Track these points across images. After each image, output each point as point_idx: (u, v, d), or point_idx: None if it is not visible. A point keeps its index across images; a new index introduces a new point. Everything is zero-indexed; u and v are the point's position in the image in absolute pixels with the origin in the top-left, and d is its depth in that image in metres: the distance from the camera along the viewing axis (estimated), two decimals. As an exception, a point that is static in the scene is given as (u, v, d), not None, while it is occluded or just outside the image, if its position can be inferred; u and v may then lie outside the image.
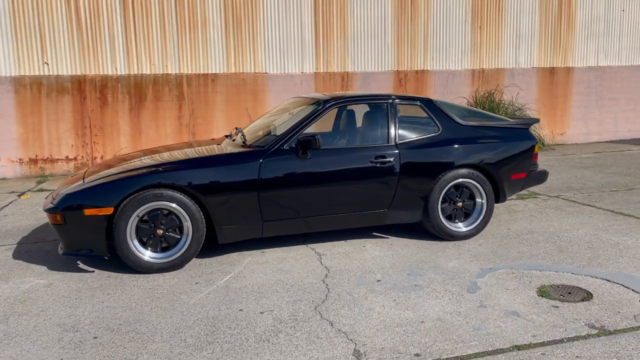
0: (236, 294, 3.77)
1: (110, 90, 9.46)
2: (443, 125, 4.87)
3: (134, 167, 4.37)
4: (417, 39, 10.89)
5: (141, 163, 4.50)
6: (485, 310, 3.40)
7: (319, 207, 4.53)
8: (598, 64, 12.23)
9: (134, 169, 4.27)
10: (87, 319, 3.43)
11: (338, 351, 2.93)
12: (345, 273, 4.12)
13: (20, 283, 4.08)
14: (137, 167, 4.35)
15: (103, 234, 4.07)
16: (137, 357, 2.93)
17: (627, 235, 4.93)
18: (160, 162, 4.37)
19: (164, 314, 3.47)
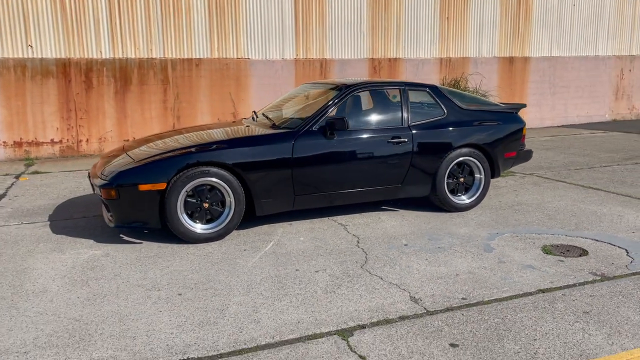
0: (285, 258, 4.25)
1: (95, 74, 9.57)
2: (448, 109, 5.48)
3: (180, 145, 4.75)
4: (390, 28, 11.49)
5: (184, 142, 4.87)
6: (505, 265, 4.05)
7: (342, 182, 5.05)
8: (551, 55, 13.24)
9: (181, 148, 4.65)
10: (161, 280, 3.83)
11: (396, 298, 3.48)
12: (374, 239, 4.67)
13: (77, 254, 4.40)
14: (183, 145, 4.72)
15: (157, 207, 4.45)
16: (227, 307, 3.38)
17: (601, 205, 5.72)
18: (203, 142, 4.76)
19: (230, 274, 3.92)
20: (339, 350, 2.85)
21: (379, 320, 3.18)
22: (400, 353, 2.82)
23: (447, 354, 2.80)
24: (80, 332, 3.08)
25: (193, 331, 3.08)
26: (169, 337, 3.01)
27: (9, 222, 5.36)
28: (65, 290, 3.67)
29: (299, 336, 3.01)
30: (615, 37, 13.92)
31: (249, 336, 3.02)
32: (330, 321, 3.18)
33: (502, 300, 3.42)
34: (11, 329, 3.12)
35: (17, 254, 4.40)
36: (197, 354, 2.84)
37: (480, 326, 3.09)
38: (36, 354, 2.86)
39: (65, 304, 3.46)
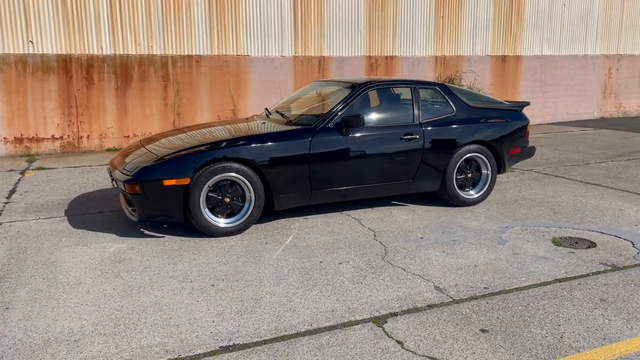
0: (308, 251, 4.40)
1: (96, 70, 9.60)
2: (456, 107, 5.66)
3: (200, 141, 4.86)
4: (387, 27, 11.65)
5: (203, 138, 4.98)
6: (519, 256, 4.24)
7: (356, 178, 5.20)
8: (542, 53, 13.52)
9: (203, 144, 4.75)
10: (191, 272, 3.95)
11: (421, 288, 3.65)
12: (390, 233, 4.84)
13: (102, 247, 4.50)
14: (204, 142, 4.83)
15: (181, 202, 4.56)
16: (261, 297, 3.52)
17: (602, 199, 5.95)
18: (225, 138, 4.88)
19: (257, 266, 4.06)
20: (376, 336, 3.01)
21: (409, 309, 3.34)
22: (434, 338, 2.98)
23: (479, 339, 2.97)
24: (124, 321, 3.20)
25: (233, 319, 3.21)
26: (211, 325, 3.14)
27: (26, 217, 5.42)
28: (99, 282, 3.78)
29: (335, 323, 3.16)
30: (604, 37, 14.25)
31: (287, 324, 3.16)
32: (362, 309, 3.34)
33: (523, 289, 3.60)
34: (56, 319, 3.23)
35: (42, 248, 4.48)
36: (241, 341, 2.97)
37: (506, 313, 3.27)
38: (86, 341, 2.97)
39: (102, 295, 3.56)
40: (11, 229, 5.03)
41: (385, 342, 2.94)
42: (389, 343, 2.93)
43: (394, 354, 2.82)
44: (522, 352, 2.83)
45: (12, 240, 4.68)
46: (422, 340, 2.96)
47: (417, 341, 2.95)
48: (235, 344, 2.94)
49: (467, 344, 2.92)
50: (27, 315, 3.28)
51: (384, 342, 2.94)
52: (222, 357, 2.81)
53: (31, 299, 3.50)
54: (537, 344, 2.92)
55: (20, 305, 3.41)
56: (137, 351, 2.87)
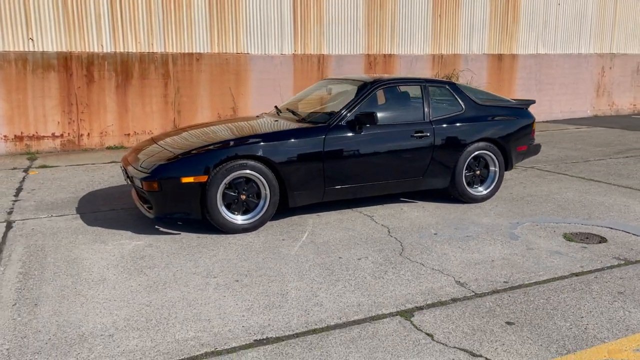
0: (325, 247, 4.45)
1: (96, 68, 9.58)
2: (465, 104, 5.74)
3: (215, 139, 4.89)
4: (385, 25, 11.73)
5: (218, 136, 5.02)
6: (534, 251, 4.32)
7: (369, 175, 5.26)
8: (537, 52, 13.68)
9: (219, 142, 4.79)
10: (213, 268, 3.99)
11: (443, 282, 3.72)
12: (403, 229, 4.91)
13: (120, 245, 4.52)
14: (219, 139, 4.87)
15: (198, 199, 4.59)
16: (286, 292, 3.57)
17: (606, 196, 6.07)
18: (240, 136, 4.92)
19: (277, 262, 4.11)
20: (405, 329, 3.08)
21: (433, 302, 3.41)
22: (463, 331, 3.05)
23: (506, 330, 3.05)
24: (155, 316, 3.24)
25: (262, 314, 3.26)
26: (241, 320, 3.19)
27: (38, 214, 5.42)
28: (123, 278, 3.81)
29: (363, 317, 3.22)
30: (597, 36, 14.44)
31: (316, 317, 3.22)
32: (388, 303, 3.40)
33: (542, 283, 3.69)
34: (87, 315, 3.26)
35: (61, 245, 4.50)
36: (274, 334, 3.03)
37: (529, 306, 3.35)
38: (121, 336, 3.00)
39: (129, 291, 3.60)
40: (25, 226, 5.03)
41: (415, 334, 3.01)
42: (419, 335, 2.99)
43: (426, 346, 2.88)
44: (550, 343, 2.91)
45: (28, 238, 4.69)
46: (451, 333, 3.03)
47: (446, 333, 3.02)
48: (269, 337, 2.99)
49: (495, 335, 3.00)
50: (57, 311, 3.30)
51: (414, 334, 3.01)
52: (258, 350, 2.86)
53: (58, 295, 3.52)
54: (563, 335, 3.00)
55: (49, 302, 3.43)
56: (173, 345, 2.91)
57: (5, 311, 3.31)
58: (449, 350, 2.84)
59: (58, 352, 2.84)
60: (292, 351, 2.85)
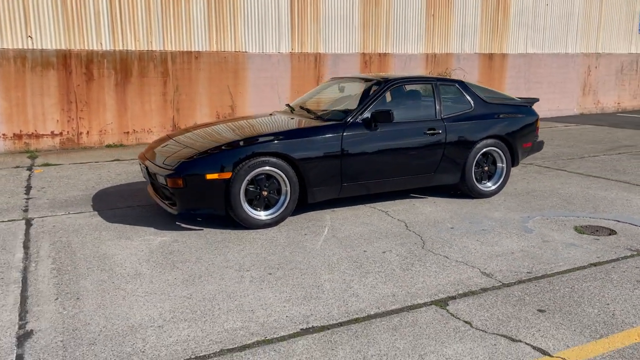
0: (348, 241, 4.58)
1: (96, 66, 9.57)
2: (474, 102, 5.91)
3: (237, 136, 4.98)
4: (380, 24, 11.88)
5: (240, 133, 5.11)
6: (550, 243, 4.50)
7: (383, 171, 5.40)
8: (527, 52, 13.96)
9: (242, 139, 4.88)
10: (244, 262, 4.09)
11: (469, 273, 3.88)
12: (420, 224, 5.06)
13: (146, 240, 4.59)
14: (242, 136, 4.96)
15: (222, 195, 4.68)
16: (321, 284, 3.69)
17: (607, 190, 6.29)
18: (262, 133, 5.01)
19: (305, 256, 4.22)
20: (443, 317, 3.22)
21: (464, 292, 3.56)
22: (498, 318, 3.20)
23: (539, 317, 3.21)
24: (199, 307, 3.33)
25: (302, 304, 3.37)
26: (283, 310, 3.30)
27: (55, 212, 5.45)
28: (158, 272, 3.88)
29: (400, 307, 3.36)
30: (583, 36, 14.79)
31: (356, 307, 3.34)
32: (421, 294, 3.54)
33: (564, 273, 3.86)
34: (131, 307, 3.33)
35: (86, 242, 4.55)
36: (318, 323, 3.14)
37: (556, 295, 3.52)
38: (171, 327, 3.09)
39: (166, 284, 3.68)
40: (45, 223, 5.07)
41: (454, 322, 3.15)
42: (457, 323, 3.14)
43: (466, 333, 3.03)
44: (583, 329, 3.08)
45: (52, 235, 4.73)
46: (488, 320, 3.17)
47: (483, 321, 3.16)
48: (314, 326, 3.10)
49: (529, 322, 3.15)
50: (101, 304, 3.37)
51: (453, 322, 3.15)
52: (307, 338, 2.97)
53: (98, 290, 3.59)
54: (593, 320, 3.17)
55: (91, 295, 3.50)
56: (224, 334, 3.01)
57: (50, 305, 3.37)
58: (489, 336, 2.99)
59: (113, 342, 2.92)
60: (339, 339, 2.97)
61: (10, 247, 4.42)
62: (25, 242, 4.56)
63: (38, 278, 3.78)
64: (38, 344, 2.90)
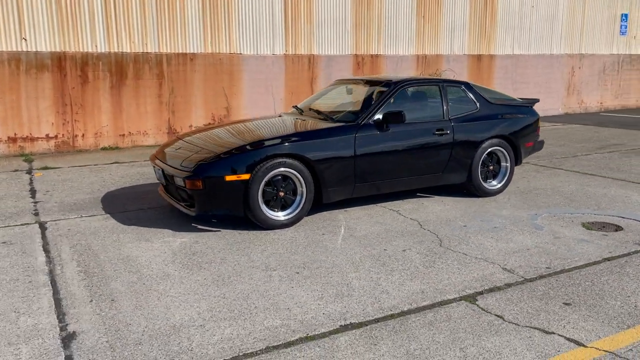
0: (366, 240, 4.67)
1: (91, 68, 9.52)
2: (479, 103, 6.05)
3: (256, 138, 5.04)
4: (372, 26, 12.02)
5: (255, 135, 5.16)
6: (561, 239, 4.65)
7: (394, 171, 5.50)
8: (513, 53, 14.23)
9: (259, 141, 4.94)
10: (269, 262, 4.15)
11: (491, 270, 4.00)
12: (433, 222, 5.17)
13: (166, 242, 4.62)
14: (259, 138, 5.02)
15: (241, 196, 4.73)
16: (349, 281, 3.77)
17: (605, 188, 6.49)
18: (279, 135, 5.07)
19: (327, 255, 4.30)
20: (475, 312, 3.32)
21: (490, 288, 3.68)
22: (527, 312, 3.32)
23: (566, 310, 3.34)
24: (236, 307, 3.38)
25: (336, 302, 3.45)
26: (319, 308, 3.37)
27: (67, 215, 5.44)
28: (186, 273, 3.93)
29: (431, 303, 3.46)
30: (567, 37, 15.13)
31: (389, 304, 3.43)
32: (449, 290, 3.65)
33: (581, 268, 4.01)
34: (168, 307, 3.37)
35: (106, 244, 4.56)
36: (355, 320, 3.22)
37: (578, 288, 3.66)
38: (213, 325, 3.14)
39: (197, 285, 3.72)
40: (60, 227, 5.06)
41: (486, 316, 3.26)
42: (490, 317, 3.25)
43: (500, 326, 3.14)
44: (609, 320, 3.21)
45: (69, 238, 4.73)
46: (518, 314, 3.29)
47: (514, 315, 3.28)
48: (352, 323, 3.19)
49: (558, 315, 3.28)
50: (137, 305, 3.41)
51: (485, 316, 3.26)
52: (347, 334, 3.05)
53: (130, 291, 3.62)
54: (618, 312, 3.31)
55: (125, 297, 3.53)
56: (266, 332, 3.07)
57: (86, 307, 3.39)
58: (523, 329, 3.10)
59: (159, 342, 2.96)
60: (379, 334, 3.05)
61: (30, 251, 4.42)
62: (44, 245, 4.56)
63: (67, 281, 3.80)
64: (84, 345, 2.93)
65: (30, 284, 3.76)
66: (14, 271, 3.98)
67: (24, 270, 3.99)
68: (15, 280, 3.81)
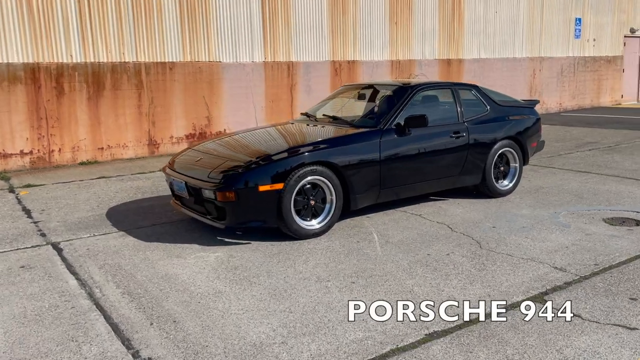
0: (405, 245, 4.61)
1: (66, 79, 9.10)
2: (489, 106, 6.13)
3: (285, 146, 4.91)
4: (348, 32, 12.04)
5: (280, 143, 5.03)
6: (594, 236, 4.74)
7: (416, 175, 5.48)
8: (480, 57, 14.59)
9: (289, 149, 4.80)
10: (318, 273, 4.03)
11: (543, 269, 4.01)
12: (461, 225, 5.17)
13: (199, 257, 4.42)
14: (289, 146, 4.89)
15: (275, 207, 4.59)
16: (410, 288, 3.70)
17: (605, 184, 6.69)
18: (306, 142, 4.95)
19: (374, 263, 4.21)
20: (549, 312, 3.31)
21: (552, 287, 3.69)
22: (600, 309, 3.35)
23: (636, 305, 3.38)
24: (309, 320, 3.25)
25: (407, 310, 3.37)
26: (397, 317, 3.28)
27: (78, 234, 5.14)
28: (238, 289, 3.75)
29: (503, 306, 3.43)
30: (528, 41, 15.64)
31: (461, 310, 3.38)
32: (513, 292, 3.63)
33: (627, 263, 4.08)
34: (238, 326, 3.20)
35: (136, 263, 4.32)
36: (438, 327, 3.16)
37: (635, 283, 3.72)
38: (295, 341, 3.00)
39: (256, 300, 3.56)
40: (76, 247, 4.77)
41: (564, 316, 3.25)
42: (568, 317, 3.25)
43: (583, 325, 3.14)
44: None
45: (93, 258, 4.45)
46: (593, 312, 3.31)
47: (590, 313, 3.29)
48: (436, 331, 3.12)
49: (631, 310, 3.31)
50: (204, 325, 3.22)
51: (563, 316, 3.25)
52: (438, 343, 2.98)
53: (189, 311, 3.43)
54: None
55: (186, 318, 3.33)
56: (354, 346, 2.96)
57: (149, 331, 3.18)
58: (606, 327, 3.11)
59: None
60: (469, 341, 3.00)
61: (56, 274, 4.13)
62: (68, 267, 4.27)
63: (114, 304, 3.55)
64: (169, 372, 2.73)
65: (74, 309, 3.50)
66: (49, 297, 3.70)
67: (60, 296, 3.72)
68: (55, 307, 3.54)
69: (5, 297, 3.71)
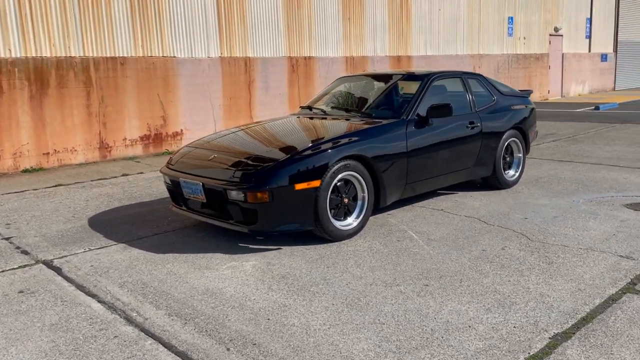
0: (450, 242, 4.29)
1: (5, 76, 8.07)
2: (496, 95, 5.96)
3: (313, 139, 4.44)
4: (303, 28, 11.65)
5: (311, 135, 4.57)
6: (629, 222, 4.65)
7: (436, 167, 5.20)
8: (427, 54, 14.68)
9: (321, 142, 4.34)
10: (381, 276, 3.61)
11: (612, 259, 3.83)
12: (491, 217, 4.94)
13: (233, 268, 3.87)
14: (321, 139, 4.43)
15: (312, 206, 4.12)
16: (494, 288, 3.38)
17: (600, 172, 6.74)
18: (336, 135, 4.51)
19: (432, 262, 3.86)
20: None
21: (635, 277, 3.50)
22: (700, 296, 3.19)
23: None
24: (409, 332, 2.84)
25: (509, 313, 3.05)
26: (500, 322, 2.95)
27: (70, 249, 4.41)
28: (302, 300, 3.27)
29: (602, 301, 3.19)
30: (469, 39, 15.97)
31: (565, 307, 3.10)
32: (601, 284, 3.41)
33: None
34: (334, 344, 2.74)
35: (163, 279, 3.71)
36: (555, 329, 2.86)
37: None
38: (410, 357, 2.59)
39: (332, 312, 3.11)
40: (75, 264, 4.06)
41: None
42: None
43: (699, 315, 2.96)
44: None
45: (106, 276, 3.79)
46: (697, 300, 3.14)
47: (694, 301, 3.13)
48: (557, 333, 2.82)
49: None
50: (292, 346, 2.72)
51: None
52: (569, 347, 2.67)
53: (261, 330, 2.91)
54: None
55: (264, 338, 2.82)
56: (482, 356, 2.58)
57: (230, 356, 2.63)
58: None
59: None
60: (599, 341, 2.72)
61: (70, 298, 3.44)
62: (80, 289, 3.58)
63: (166, 329, 2.97)
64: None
65: (119, 339, 2.88)
66: (77, 326, 3.04)
67: (91, 324, 3.07)
68: (93, 338, 2.90)
69: (21, 331, 3.00)
